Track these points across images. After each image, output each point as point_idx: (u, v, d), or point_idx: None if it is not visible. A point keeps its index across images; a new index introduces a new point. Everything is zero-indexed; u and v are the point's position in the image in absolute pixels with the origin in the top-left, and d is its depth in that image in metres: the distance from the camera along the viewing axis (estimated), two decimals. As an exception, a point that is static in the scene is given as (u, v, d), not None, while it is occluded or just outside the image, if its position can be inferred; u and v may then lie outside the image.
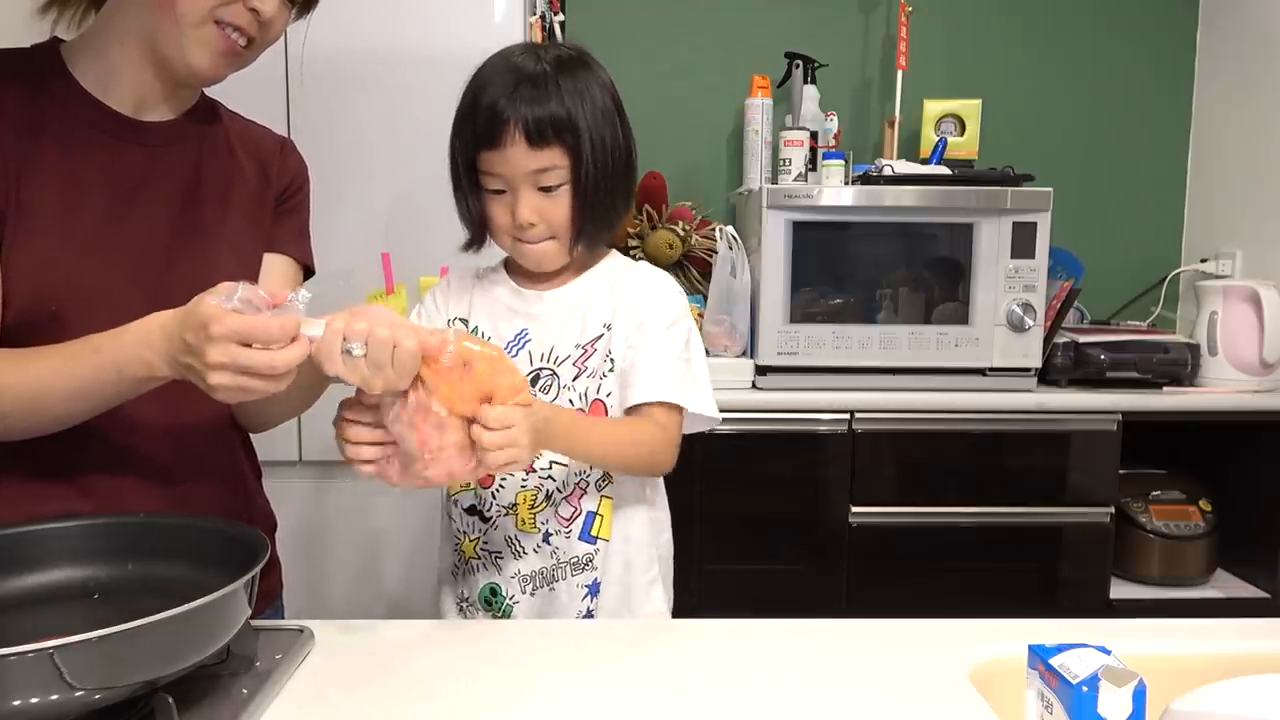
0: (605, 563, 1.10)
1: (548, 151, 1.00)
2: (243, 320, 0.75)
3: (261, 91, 1.43)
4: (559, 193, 1.02)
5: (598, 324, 1.09)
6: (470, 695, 0.79)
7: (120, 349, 0.81)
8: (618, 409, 1.07)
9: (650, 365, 1.06)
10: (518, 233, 1.04)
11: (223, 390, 0.76)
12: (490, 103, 0.99)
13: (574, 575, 1.09)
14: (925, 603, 1.56)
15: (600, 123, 1.03)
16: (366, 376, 0.80)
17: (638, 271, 1.14)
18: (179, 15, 0.86)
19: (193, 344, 0.75)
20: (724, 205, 2.43)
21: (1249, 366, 2.07)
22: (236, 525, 0.86)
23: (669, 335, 1.09)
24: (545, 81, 1.00)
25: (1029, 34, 2.47)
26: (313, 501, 1.84)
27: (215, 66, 0.91)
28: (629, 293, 1.10)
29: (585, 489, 1.09)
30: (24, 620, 0.78)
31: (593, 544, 1.09)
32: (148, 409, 0.90)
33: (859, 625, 0.95)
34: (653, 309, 1.09)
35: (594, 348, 1.08)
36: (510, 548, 1.09)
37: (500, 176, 1.02)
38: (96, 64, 0.92)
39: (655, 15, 2.44)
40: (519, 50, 1.05)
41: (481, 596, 1.12)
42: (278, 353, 0.76)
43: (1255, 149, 2.28)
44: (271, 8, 0.90)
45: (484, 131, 1.00)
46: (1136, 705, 0.63)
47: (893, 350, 1.97)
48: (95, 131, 0.91)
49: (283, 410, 1.03)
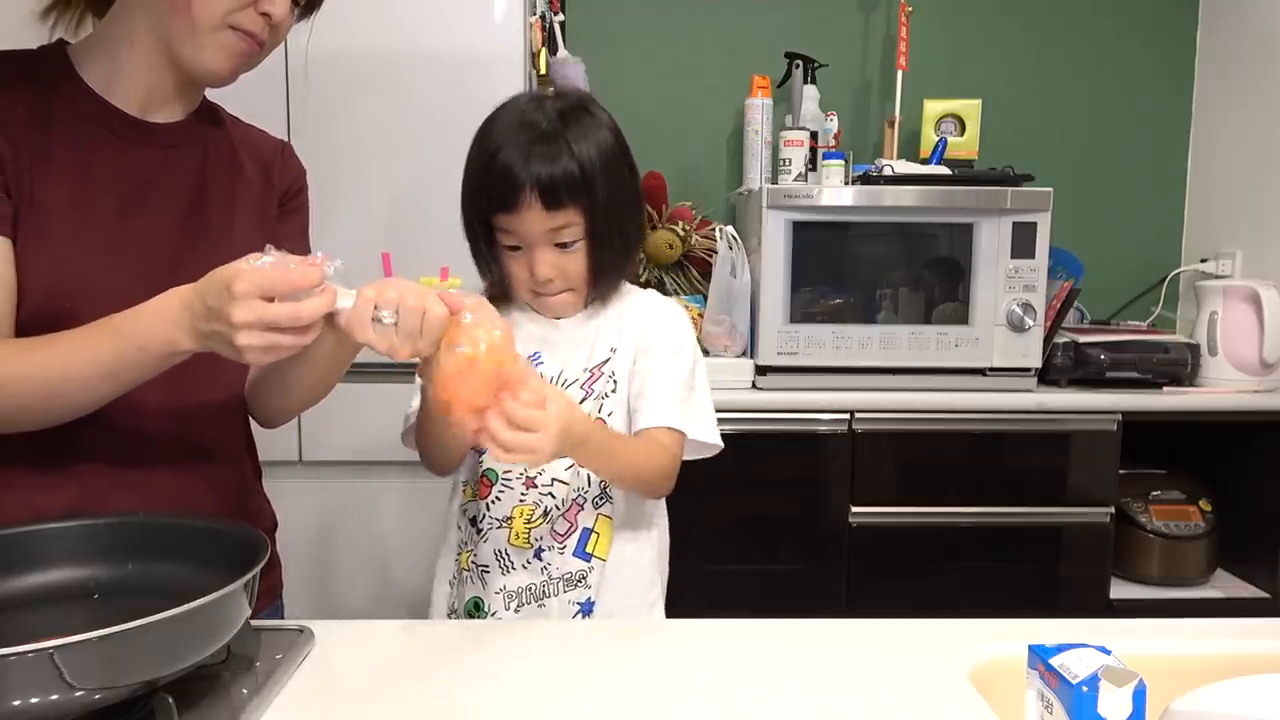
0: (600, 582, 1.09)
1: (563, 212, 1.02)
2: (264, 273, 0.75)
3: (261, 92, 1.43)
4: (575, 248, 1.05)
5: (605, 348, 1.11)
6: (470, 695, 0.79)
7: (140, 327, 0.80)
8: (619, 428, 1.09)
9: (657, 391, 1.08)
10: (536, 287, 1.07)
11: (251, 351, 0.76)
12: (504, 166, 1.01)
13: (566, 592, 1.08)
14: (925, 603, 1.56)
15: (608, 173, 1.04)
16: (395, 344, 0.81)
17: (648, 300, 1.16)
18: (194, 20, 0.87)
19: (216, 307, 0.75)
20: (724, 205, 2.43)
21: (1249, 366, 2.07)
22: (236, 525, 0.86)
23: (675, 362, 1.11)
24: (556, 139, 1.01)
25: (1029, 34, 2.47)
26: (313, 501, 1.84)
27: (229, 69, 0.92)
28: (637, 319, 1.13)
29: (583, 505, 1.09)
30: (24, 620, 0.78)
31: (587, 561, 1.09)
32: (153, 397, 0.90)
33: (859, 625, 0.95)
34: (660, 336, 1.12)
35: (600, 371, 1.10)
36: (499, 562, 1.09)
37: (517, 234, 1.04)
38: (105, 65, 0.92)
39: (655, 15, 2.44)
40: (526, 104, 1.05)
41: (466, 609, 1.12)
42: (303, 303, 0.76)
43: (1255, 149, 2.27)
44: (282, 11, 0.91)
45: (499, 195, 1.02)
46: (1136, 705, 0.63)
47: (893, 350, 1.97)
48: (104, 131, 0.92)
49: (299, 395, 1.01)
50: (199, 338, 0.79)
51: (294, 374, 0.97)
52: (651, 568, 1.15)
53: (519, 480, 1.08)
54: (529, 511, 1.08)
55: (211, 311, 0.76)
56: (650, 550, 1.15)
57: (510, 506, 1.08)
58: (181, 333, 0.79)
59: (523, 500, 1.08)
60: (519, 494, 1.08)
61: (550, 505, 1.08)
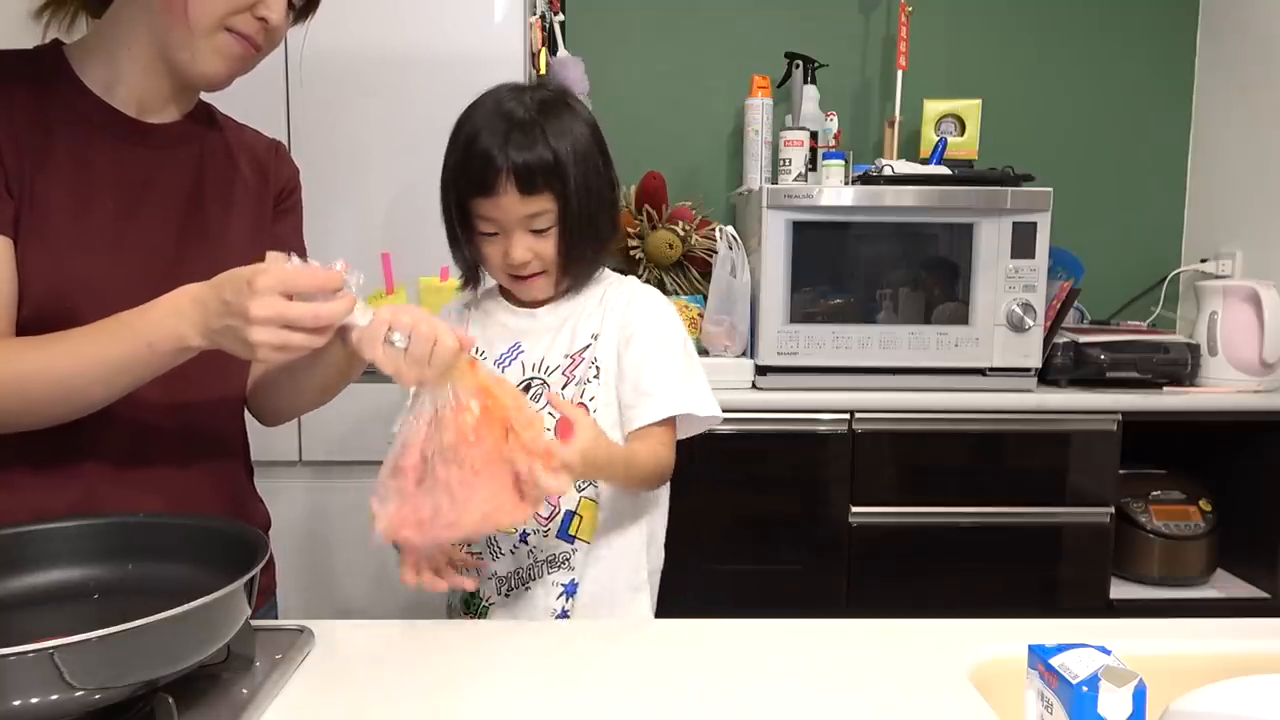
0: (584, 565, 1.11)
1: (538, 198, 1.05)
2: (287, 271, 0.76)
3: (261, 92, 1.43)
4: (549, 233, 1.07)
5: (586, 334, 1.13)
6: (469, 695, 0.79)
7: (149, 323, 0.80)
8: (602, 413, 1.10)
9: (654, 383, 1.09)
10: (512, 270, 1.09)
11: (263, 347, 0.76)
12: (482, 151, 1.03)
13: (549, 574, 1.10)
14: (925, 603, 1.56)
15: (584, 163, 1.07)
16: (402, 369, 0.82)
17: (625, 285, 1.18)
18: (190, 24, 0.87)
19: (233, 302, 0.76)
20: (724, 205, 2.43)
21: (1249, 366, 2.07)
22: (236, 525, 0.86)
23: (663, 350, 1.12)
24: (532, 127, 1.04)
25: (1029, 34, 2.47)
26: (313, 501, 1.84)
27: (226, 73, 0.93)
28: (617, 304, 1.14)
29: None
30: (24, 620, 0.79)
31: (570, 543, 1.11)
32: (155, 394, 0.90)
33: (859, 625, 0.95)
34: (643, 323, 1.13)
35: (581, 356, 1.12)
36: (490, 548, 1.12)
37: (494, 220, 1.06)
38: (101, 66, 0.92)
39: (655, 15, 2.44)
40: (505, 94, 1.08)
41: (461, 599, 1.14)
42: (322, 305, 0.77)
43: (1255, 149, 2.27)
44: (279, 15, 0.91)
45: (477, 180, 1.04)
46: (1136, 705, 0.63)
47: (893, 350, 1.97)
48: (102, 132, 0.92)
49: (302, 399, 1.02)
50: (209, 334, 0.79)
51: (300, 378, 0.97)
52: (639, 552, 1.15)
53: None
54: None
55: (227, 306, 0.76)
56: (638, 534, 1.15)
57: None
58: (192, 329, 0.79)
59: None
60: None
61: None
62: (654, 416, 1.08)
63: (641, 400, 1.09)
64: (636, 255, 2.21)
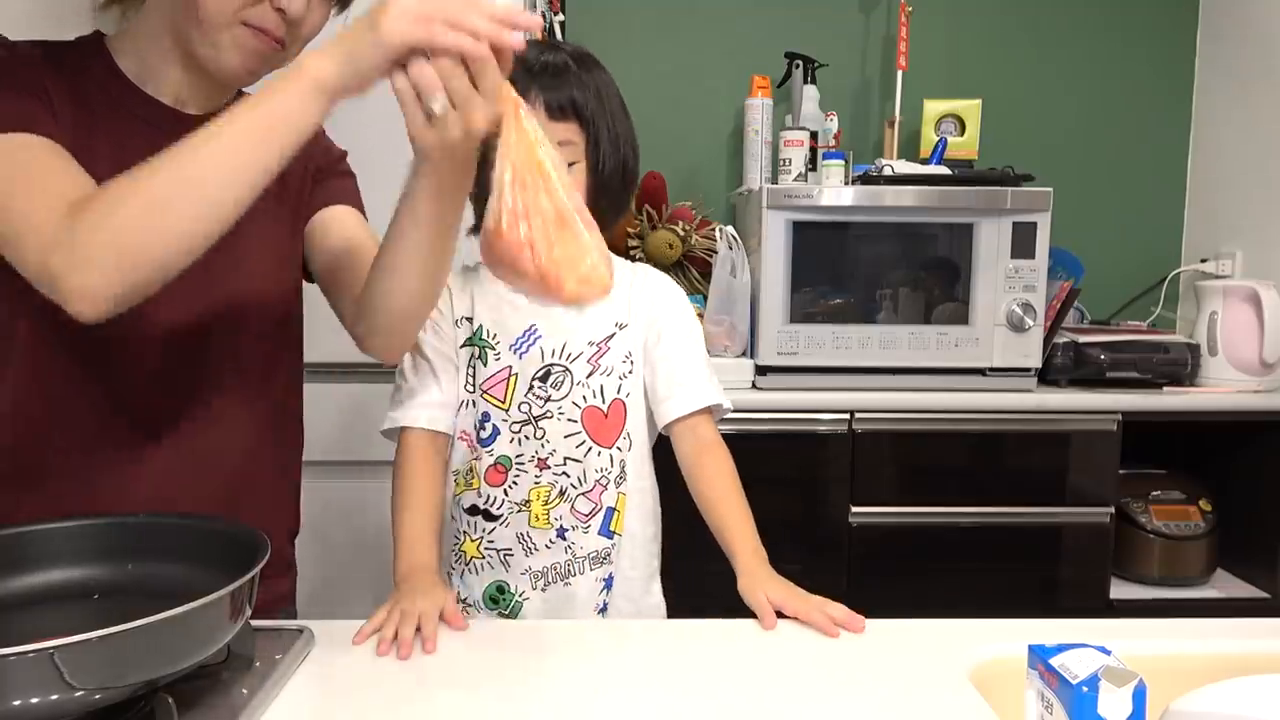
0: (619, 557, 1.12)
1: (565, 125, 1.03)
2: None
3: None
4: (574, 169, 1.03)
5: (609, 321, 1.11)
6: (470, 695, 0.79)
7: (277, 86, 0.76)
8: (638, 409, 1.11)
9: (690, 374, 1.11)
10: None
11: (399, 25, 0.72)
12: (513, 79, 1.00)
13: (592, 570, 1.11)
14: (925, 603, 1.56)
15: (612, 103, 1.07)
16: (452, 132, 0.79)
17: (647, 274, 1.17)
18: (204, 19, 0.87)
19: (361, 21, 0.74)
20: (724, 205, 2.43)
21: (1249, 366, 2.07)
22: (237, 525, 0.86)
23: (692, 340, 1.14)
24: (564, 63, 1.04)
25: (1029, 34, 2.47)
26: (313, 501, 1.83)
27: (245, 68, 0.91)
28: (644, 295, 1.13)
29: (606, 486, 1.10)
30: (24, 620, 0.78)
31: (610, 538, 1.11)
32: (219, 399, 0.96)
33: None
34: (672, 315, 1.14)
35: (608, 345, 1.10)
36: (521, 544, 1.10)
37: None
38: (137, 59, 0.93)
39: (655, 15, 2.44)
40: (534, 45, 1.06)
41: (487, 595, 1.12)
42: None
43: (1255, 149, 2.27)
44: (299, 7, 0.89)
45: None
46: (1136, 705, 0.63)
47: (892, 350, 1.97)
48: (141, 122, 0.92)
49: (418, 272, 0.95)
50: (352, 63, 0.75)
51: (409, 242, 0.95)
52: (653, 542, 1.18)
53: (531, 463, 1.09)
54: (545, 492, 1.09)
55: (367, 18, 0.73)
56: (652, 525, 1.17)
57: (526, 490, 1.09)
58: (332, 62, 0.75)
59: (537, 482, 1.09)
60: (533, 477, 1.09)
61: (565, 485, 1.09)
62: (695, 405, 1.09)
63: (677, 391, 1.10)
64: (636, 255, 2.21)
